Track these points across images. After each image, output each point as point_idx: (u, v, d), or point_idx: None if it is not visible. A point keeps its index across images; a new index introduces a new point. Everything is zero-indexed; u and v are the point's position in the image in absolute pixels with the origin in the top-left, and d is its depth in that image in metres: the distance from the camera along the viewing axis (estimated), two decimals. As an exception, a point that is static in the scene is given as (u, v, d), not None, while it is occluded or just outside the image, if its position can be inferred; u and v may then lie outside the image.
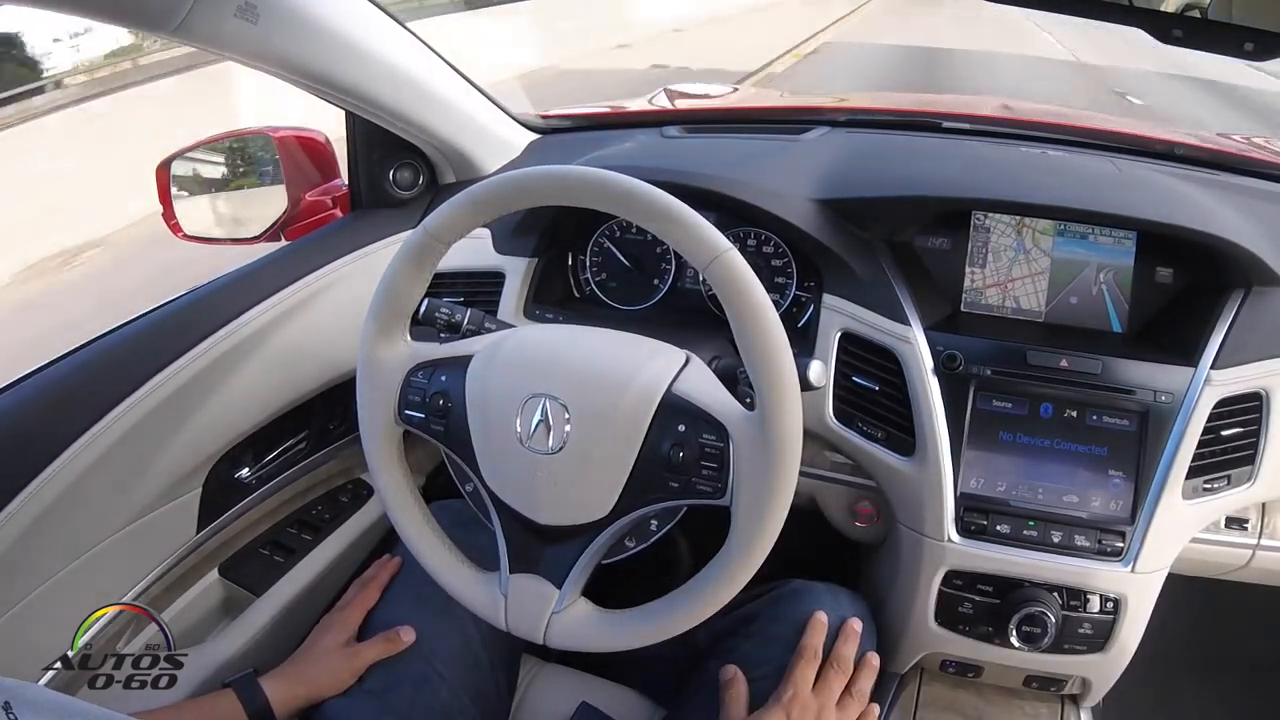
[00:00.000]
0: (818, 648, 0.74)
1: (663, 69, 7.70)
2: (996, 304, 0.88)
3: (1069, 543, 0.77)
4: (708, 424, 0.59)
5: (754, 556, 0.58)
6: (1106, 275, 0.85)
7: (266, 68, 0.76)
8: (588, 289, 0.99)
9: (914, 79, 7.90)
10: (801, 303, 0.92)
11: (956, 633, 0.82)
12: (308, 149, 1.00)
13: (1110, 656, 0.79)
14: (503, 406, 0.62)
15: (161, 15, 0.63)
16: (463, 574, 0.66)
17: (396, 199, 1.00)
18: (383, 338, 0.66)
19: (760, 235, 0.93)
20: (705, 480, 0.59)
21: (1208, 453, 0.76)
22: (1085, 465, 0.77)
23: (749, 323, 0.56)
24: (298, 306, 0.88)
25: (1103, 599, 0.77)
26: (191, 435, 0.79)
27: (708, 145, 1.05)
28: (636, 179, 0.59)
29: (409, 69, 0.88)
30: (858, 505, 0.89)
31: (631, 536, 0.65)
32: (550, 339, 0.68)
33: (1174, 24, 0.52)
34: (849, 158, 0.96)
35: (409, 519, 0.68)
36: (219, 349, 0.80)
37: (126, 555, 0.76)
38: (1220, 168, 0.97)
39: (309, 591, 0.90)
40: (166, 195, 0.96)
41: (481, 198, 0.62)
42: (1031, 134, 1.05)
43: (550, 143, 1.10)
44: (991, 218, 0.87)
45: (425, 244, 0.64)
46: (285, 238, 0.98)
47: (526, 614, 0.63)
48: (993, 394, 0.79)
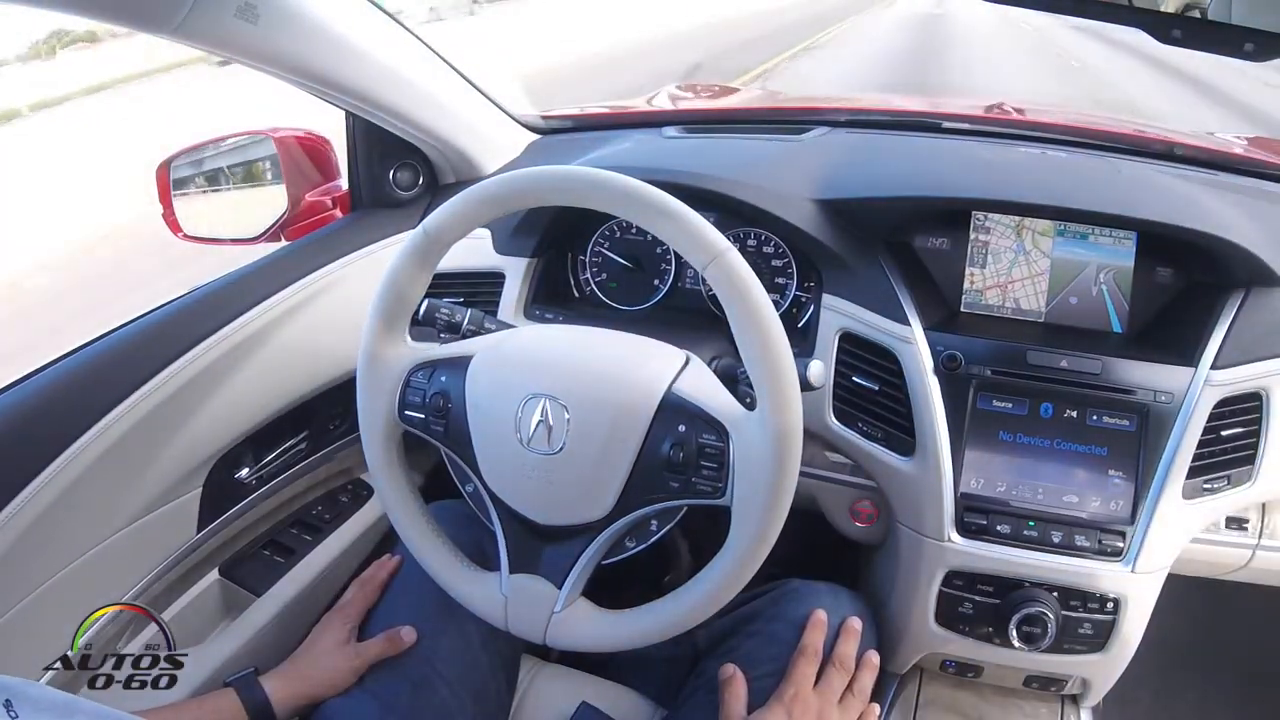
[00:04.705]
0: (818, 646, 0.74)
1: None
2: (996, 304, 0.88)
3: (1069, 543, 0.77)
4: (708, 424, 0.59)
5: (754, 557, 0.58)
6: (1106, 275, 0.85)
7: (266, 68, 0.76)
8: (588, 289, 0.99)
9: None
10: (801, 303, 0.93)
11: (956, 633, 0.82)
12: (308, 149, 1.00)
13: (1110, 656, 0.79)
14: (503, 407, 0.62)
15: (161, 15, 0.63)
16: (463, 574, 0.66)
17: (396, 199, 1.00)
18: (383, 337, 0.66)
19: (760, 235, 0.93)
20: (705, 480, 0.59)
21: (1208, 453, 0.76)
22: (1085, 465, 0.77)
23: (749, 323, 0.56)
24: (298, 306, 0.88)
25: (1103, 599, 0.77)
26: (192, 435, 0.79)
27: (708, 145, 1.05)
28: (637, 179, 0.59)
29: (409, 69, 0.88)
30: (858, 505, 0.89)
31: (631, 536, 0.65)
32: (551, 339, 0.68)
33: (1174, 24, 0.52)
34: (849, 158, 0.96)
35: (409, 519, 0.68)
36: (219, 349, 0.80)
37: (126, 555, 0.76)
38: (1220, 168, 0.97)
39: (309, 591, 0.90)
40: (167, 195, 0.96)
41: (482, 197, 0.62)
42: (1031, 134, 1.05)
43: (550, 143, 1.10)
44: (991, 218, 0.87)
45: (426, 243, 0.64)
46: (285, 238, 0.98)
47: (527, 614, 0.63)
48: (993, 394, 0.79)
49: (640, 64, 8.29)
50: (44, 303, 3.64)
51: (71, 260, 4.40)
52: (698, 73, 7.79)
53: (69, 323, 2.63)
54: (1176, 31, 0.51)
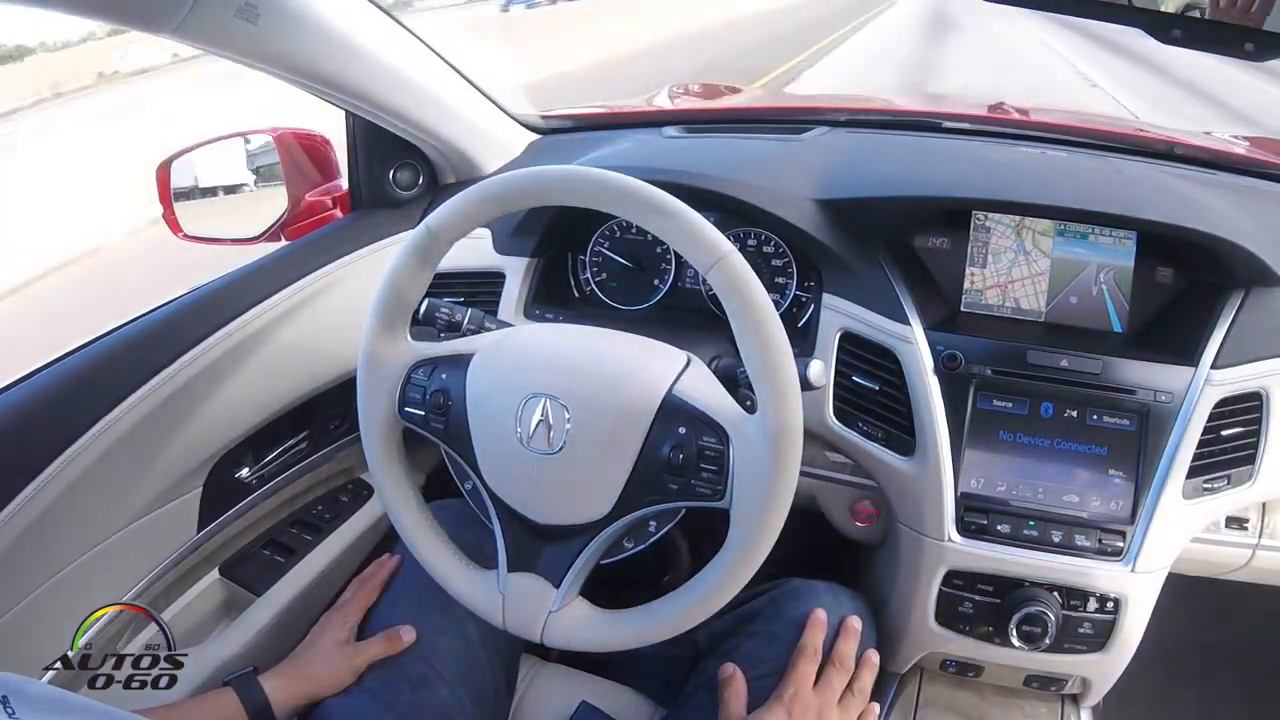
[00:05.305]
0: (818, 646, 0.74)
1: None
2: (996, 304, 0.88)
3: (1069, 542, 0.77)
4: (708, 427, 0.59)
5: (753, 558, 0.58)
6: (1106, 275, 0.85)
7: (266, 68, 0.76)
8: (588, 289, 0.99)
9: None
10: (801, 303, 0.92)
11: (957, 632, 0.82)
12: (308, 149, 1.00)
13: (1110, 656, 0.79)
14: (503, 405, 0.62)
15: (161, 15, 0.63)
16: (461, 572, 0.66)
17: (396, 199, 1.00)
18: (384, 335, 0.66)
19: (760, 235, 0.93)
20: (704, 483, 0.59)
21: (1208, 453, 0.76)
22: (1085, 465, 0.77)
23: (750, 325, 0.56)
24: (298, 306, 0.88)
25: (1103, 599, 0.77)
26: (192, 435, 0.79)
27: (708, 145, 1.05)
28: (637, 179, 0.59)
29: (409, 69, 0.88)
30: (858, 505, 0.89)
31: (630, 537, 0.65)
32: (552, 339, 0.68)
33: (1174, 24, 0.52)
34: (849, 158, 0.96)
35: (407, 516, 0.68)
36: (219, 349, 0.80)
37: (126, 555, 0.76)
38: (1220, 168, 0.97)
39: (309, 591, 0.90)
40: (166, 195, 0.95)
41: (484, 196, 0.62)
42: (1031, 134, 1.05)
43: (550, 143, 1.10)
44: (991, 218, 0.87)
45: (427, 242, 0.64)
46: (285, 238, 0.98)
47: (524, 613, 0.63)
48: (993, 394, 0.79)
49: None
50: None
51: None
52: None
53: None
54: (1176, 31, 0.51)
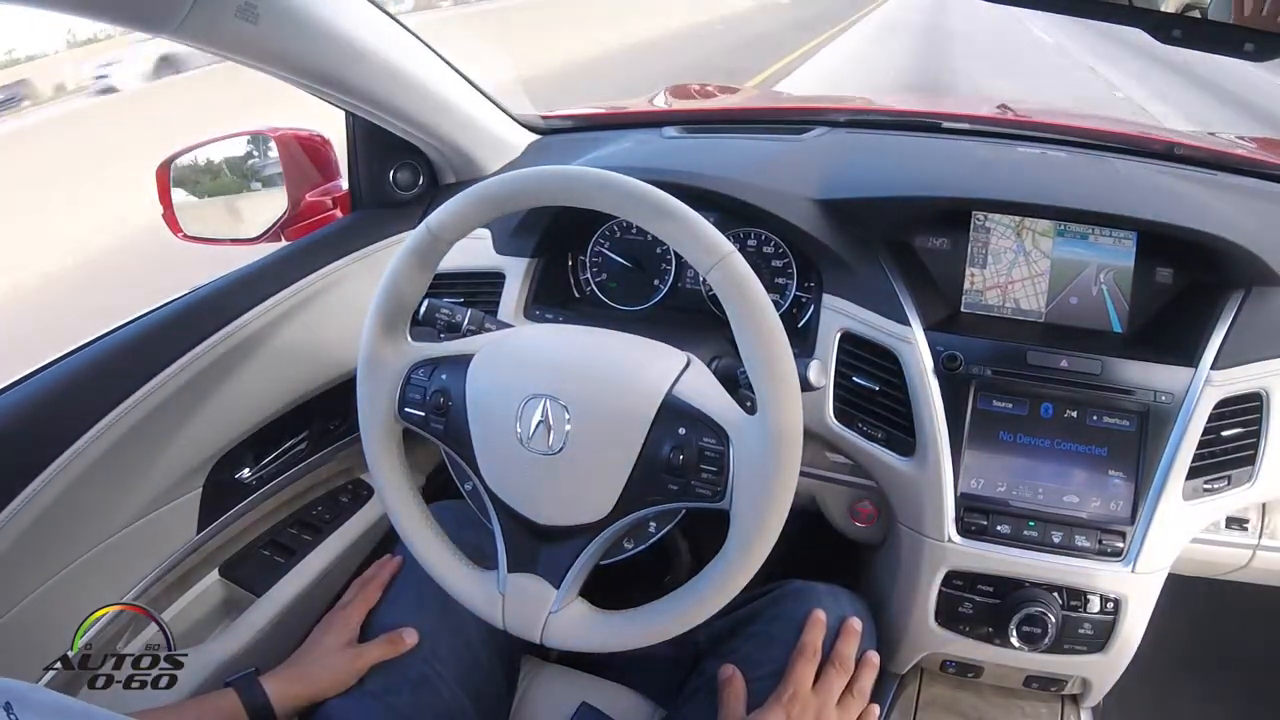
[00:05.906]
0: (817, 646, 0.74)
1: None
2: (996, 304, 0.88)
3: (1069, 543, 0.76)
4: (708, 428, 0.59)
5: (753, 559, 0.58)
6: (1106, 275, 0.85)
7: (266, 68, 0.76)
8: (588, 289, 0.99)
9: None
10: (801, 303, 0.92)
11: (957, 633, 0.82)
12: (308, 149, 1.00)
13: (1110, 656, 0.79)
14: (503, 406, 0.62)
15: (161, 15, 0.63)
16: (461, 573, 0.66)
17: (396, 199, 1.00)
18: (384, 335, 0.66)
19: (760, 235, 0.92)
20: (704, 484, 0.59)
21: (1208, 453, 0.76)
22: (1085, 465, 0.77)
23: (750, 326, 0.56)
24: (298, 306, 0.88)
25: (1103, 599, 0.77)
26: (192, 435, 0.79)
27: (708, 145, 1.05)
28: (638, 180, 0.59)
29: (409, 69, 0.88)
30: (858, 505, 0.89)
31: (630, 538, 0.65)
32: (553, 339, 0.68)
33: (1174, 24, 0.52)
34: (849, 158, 0.96)
35: (407, 516, 0.68)
36: (219, 349, 0.80)
37: (126, 555, 0.76)
38: (1220, 168, 0.97)
39: (309, 591, 0.90)
40: (166, 195, 0.95)
41: (484, 196, 0.62)
42: (1031, 134, 1.05)
43: (551, 143, 1.10)
44: (991, 218, 0.87)
45: (428, 242, 0.64)
46: (285, 238, 0.98)
47: (523, 613, 0.63)
48: (993, 394, 0.79)
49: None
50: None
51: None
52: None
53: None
54: (1177, 31, 0.51)
